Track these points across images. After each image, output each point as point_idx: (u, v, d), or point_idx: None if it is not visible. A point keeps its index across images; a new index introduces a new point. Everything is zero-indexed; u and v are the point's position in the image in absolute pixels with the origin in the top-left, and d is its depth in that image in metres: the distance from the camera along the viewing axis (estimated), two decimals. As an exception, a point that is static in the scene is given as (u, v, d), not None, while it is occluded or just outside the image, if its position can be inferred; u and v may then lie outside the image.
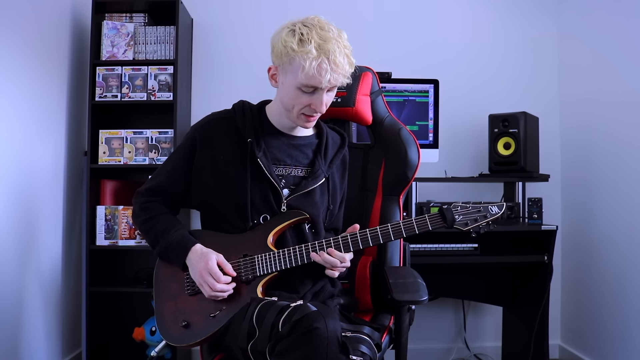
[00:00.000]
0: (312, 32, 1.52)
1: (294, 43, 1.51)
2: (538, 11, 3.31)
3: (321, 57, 1.50)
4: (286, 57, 1.54)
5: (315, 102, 1.57)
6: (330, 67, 1.51)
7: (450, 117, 3.18)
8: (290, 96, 1.59)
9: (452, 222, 1.62)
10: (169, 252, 1.65)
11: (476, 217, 1.62)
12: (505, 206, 1.64)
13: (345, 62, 1.54)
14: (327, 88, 1.56)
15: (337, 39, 1.53)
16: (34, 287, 2.54)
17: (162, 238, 1.66)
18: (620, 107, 2.71)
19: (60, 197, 2.81)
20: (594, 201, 2.93)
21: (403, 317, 1.68)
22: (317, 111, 1.59)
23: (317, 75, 1.51)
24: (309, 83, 1.53)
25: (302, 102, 1.58)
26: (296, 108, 1.60)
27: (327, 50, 1.50)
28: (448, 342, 3.26)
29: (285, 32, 1.55)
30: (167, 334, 1.63)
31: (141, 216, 1.71)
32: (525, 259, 2.77)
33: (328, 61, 1.51)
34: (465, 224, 1.62)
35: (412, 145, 1.93)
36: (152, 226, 1.69)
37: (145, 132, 2.88)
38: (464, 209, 1.63)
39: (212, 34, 3.21)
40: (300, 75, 1.52)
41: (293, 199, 1.66)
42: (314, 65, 1.50)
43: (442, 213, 1.62)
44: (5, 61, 2.29)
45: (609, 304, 2.78)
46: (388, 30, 3.26)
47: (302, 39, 1.51)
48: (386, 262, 1.90)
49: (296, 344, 1.31)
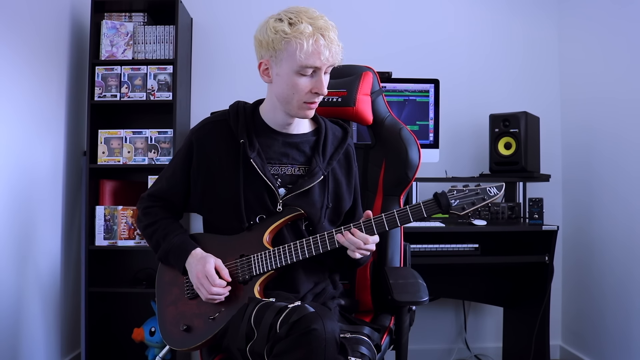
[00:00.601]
0: (300, 15, 1.52)
1: (285, 27, 1.51)
2: (539, 10, 3.31)
3: (316, 33, 1.50)
4: (279, 43, 1.52)
5: (317, 84, 1.55)
6: (327, 42, 1.51)
7: (451, 117, 3.18)
8: (288, 85, 1.55)
9: (448, 207, 1.54)
10: (169, 255, 1.65)
11: (473, 200, 1.55)
12: (504, 187, 1.57)
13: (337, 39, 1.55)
14: (325, 67, 1.54)
15: (323, 18, 1.54)
16: (33, 287, 2.54)
17: (163, 242, 1.67)
18: (621, 106, 2.71)
19: (59, 197, 2.80)
20: (595, 201, 2.92)
21: (403, 318, 1.67)
22: (320, 93, 1.56)
23: (316, 52, 1.50)
24: (308, 63, 1.51)
25: (302, 88, 1.55)
26: (296, 96, 1.56)
27: (320, 27, 1.51)
28: (448, 342, 3.26)
29: (272, 21, 1.54)
30: (169, 338, 1.64)
31: (144, 221, 1.73)
32: (526, 259, 2.77)
33: (323, 37, 1.51)
34: (462, 208, 1.55)
35: (412, 145, 1.92)
36: (154, 231, 1.70)
37: (144, 132, 2.88)
38: (460, 192, 1.56)
39: (212, 33, 3.21)
40: (299, 55, 1.50)
41: (289, 199, 1.64)
42: (311, 42, 1.49)
43: (436, 198, 1.56)
44: (3, 61, 2.29)
45: (610, 304, 2.77)
46: (388, 30, 3.26)
47: (292, 22, 1.51)
48: (386, 262, 1.90)
49: (294, 345, 1.30)
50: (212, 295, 1.56)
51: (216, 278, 1.56)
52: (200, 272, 1.57)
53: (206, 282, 1.56)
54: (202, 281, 1.57)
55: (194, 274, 1.59)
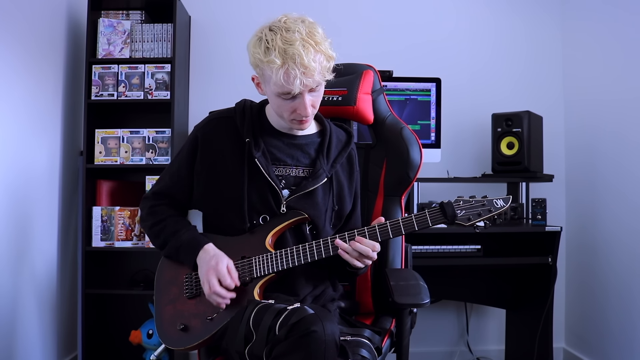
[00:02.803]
0: (277, 38, 1.47)
1: (260, 54, 1.49)
2: (542, 8, 3.29)
3: (287, 63, 1.45)
4: (258, 68, 1.54)
5: (299, 107, 1.54)
6: (300, 72, 1.46)
7: (453, 116, 3.16)
8: (275, 104, 1.58)
9: (454, 217, 1.55)
10: (180, 251, 1.65)
11: (479, 212, 1.56)
12: (511, 200, 1.58)
13: (321, 59, 1.49)
14: (306, 91, 1.52)
15: (304, 38, 1.47)
16: (29, 289, 2.53)
17: (172, 239, 1.66)
18: (625, 106, 2.69)
19: (56, 197, 2.79)
20: (599, 202, 2.90)
21: (404, 320, 1.67)
22: (303, 115, 1.56)
23: (285, 84, 1.48)
24: (282, 91, 1.50)
25: (287, 109, 1.56)
26: (285, 115, 1.58)
27: (293, 55, 1.45)
28: (450, 345, 3.24)
29: (254, 41, 1.53)
30: (165, 337, 1.63)
31: (149, 220, 1.72)
32: (528, 260, 2.76)
33: (295, 66, 1.45)
34: (468, 219, 1.56)
35: (414, 144, 1.90)
36: (162, 229, 1.69)
37: (142, 132, 2.87)
38: (466, 203, 1.57)
39: (210, 31, 3.20)
40: (272, 85, 1.51)
41: (293, 200, 1.64)
42: (280, 74, 1.46)
43: (442, 208, 1.56)
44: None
45: (615, 306, 2.75)
46: (389, 29, 3.24)
47: (267, 47, 1.47)
48: (387, 264, 1.89)
49: (293, 348, 1.30)
50: (217, 293, 1.55)
51: (227, 278, 1.55)
52: (212, 268, 1.56)
53: (214, 279, 1.55)
54: (211, 277, 1.55)
55: (205, 269, 1.58)
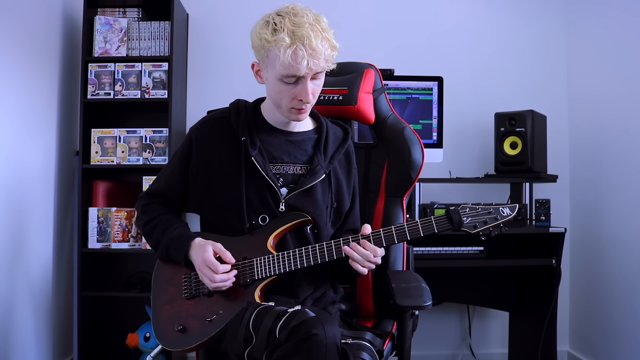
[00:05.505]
0: (285, 20, 1.49)
1: (267, 34, 1.50)
2: (545, 5, 3.28)
3: (295, 43, 1.47)
4: (263, 49, 1.53)
5: (301, 93, 1.54)
6: (307, 53, 1.48)
7: (455, 115, 3.14)
8: (275, 90, 1.57)
9: (460, 224, 1.56)
10: (170, 248, 1.65)
11: (486, 219, 1.57)
12: (518, 208, 1.59)
13: (326, 46, 1.51)
14: (310, 75, 1.52)
15: (312, 23, 1.50)
16: (24, 291, 2.52)
17: (163, 237, 1.66)
18: (630, 105, 2.68)
19: (51, 198, 2.78)
20: (604, 202, 2.89)
21: (406, 323, 1.67)
22: (305, 101, 1.56)
23: (293, 63, 1.48)
24: (288, 72, 1.50)
25: (288, 95, 1.56)
26: (284, 102, 1.57)
27: (302, 36, 1.47)
28: (453, 348, 3.24)
29: (260, 24, 1.54)
30: (162, 338, 1.62)
31: (142, 219, 1.73)
32: (532, 262, 2.76)
33: (304, 46, 1.47)
34: (474, 226, 1.57)
35: (416, 144, 1.89)
36: (154, 227, 1.69)
37: (139, 131, 2.85)
38: (472, 210, 1.58)
39: (208, 29, 3.19)
40: (278, 65, 1.50)
41: (292, 198, 1.63)
42: (288, 53, 1.47)
43: (448, 214, 1.57)
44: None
45: (620, 309, 2.74)
46: (390, 27, 3.23)
47: (275, 28, 1.49)
48: (389, 265, 1.87)
49: (294, 351, 1.29)
50: (217, 283, 1.54)
51: (218, 265, 1.55)
52: (201, 261, 1.57)
53: (208, 271, 1.55)
54: (205, 271, 1.56)
55: (197, 265, 1.59)
